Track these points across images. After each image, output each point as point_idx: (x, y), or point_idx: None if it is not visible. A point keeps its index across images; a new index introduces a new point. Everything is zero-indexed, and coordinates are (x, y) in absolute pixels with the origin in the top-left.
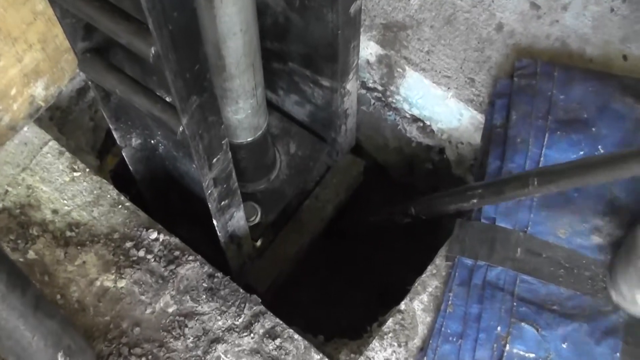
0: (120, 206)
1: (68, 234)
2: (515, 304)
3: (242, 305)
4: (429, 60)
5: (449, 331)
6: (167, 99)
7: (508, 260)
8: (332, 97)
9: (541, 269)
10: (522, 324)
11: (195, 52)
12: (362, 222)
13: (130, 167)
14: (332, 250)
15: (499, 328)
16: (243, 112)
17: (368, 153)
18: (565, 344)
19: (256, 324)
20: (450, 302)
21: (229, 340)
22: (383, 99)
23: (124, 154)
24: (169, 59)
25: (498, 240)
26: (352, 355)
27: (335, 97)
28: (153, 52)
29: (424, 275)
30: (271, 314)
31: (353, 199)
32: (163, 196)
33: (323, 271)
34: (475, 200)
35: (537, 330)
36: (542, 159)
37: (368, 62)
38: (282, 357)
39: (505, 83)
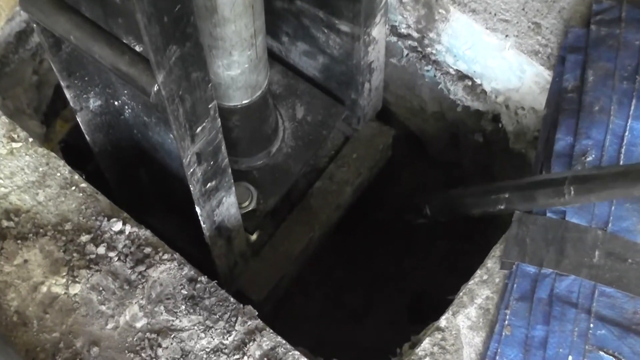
0: (73, 188)
1: (5, 224)
2: (592, 324)
3: (233, 319)
4: None
5: None
6: (138, 49)
7: (583, 268)
8: (353, 47)
9: (627, 277)
10: (601, 352)
11: None
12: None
13: (86, 136)
14: (350, 248)
15: (570, 358)
16: (238, 67)
17: (398, 120)
18: None
19: (251, 343)
20: (507, 322)
21: None
22: (419, 49)
23: (78, 119)
24: None
25: (569, 240)
26: None
27: (357, 46)
28: None
29: (471, 282)
30: (271, 330)
31: (378, 180)
32: (130, 175)
33: (338, 275)
34: (502, 207)
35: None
36: (627, 133)
37: (400, 0)
38: None
39: (580, 33)
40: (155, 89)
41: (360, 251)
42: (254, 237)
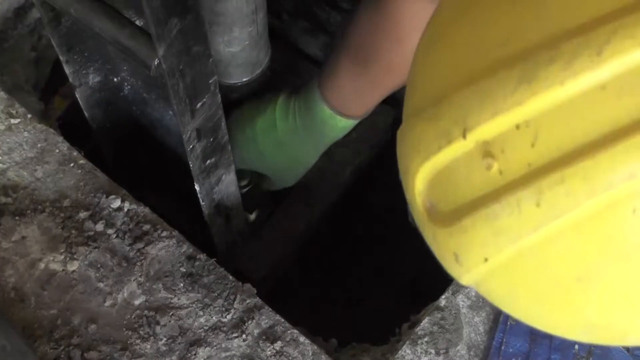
0: (72, 164)
1: (3, 200)
2: None
3: (232, 297)
4: None
5: (510, 350)
6: (138, 23)
7: None
8: None
9: None
10: None
11: None
12: None
13: (85, 112)
14: (350, 229)
15: (576, 346)
16: (239, 44)
17: (399, 99)
18: None
19: (250, 321)
20: None
21: (214, 343)
22: None
23: (77, 95)
24: None
25: None
26: None
27: None
28: None
29: None
30: (270, 309)
31: (377, 161)
32: (129, 152)
33: (337, 255)
34: None
35: (628, 350)
36: None
37: None
38: None
39: None
40: (156, 62)
41: (360, 232)
42: (252, 216)
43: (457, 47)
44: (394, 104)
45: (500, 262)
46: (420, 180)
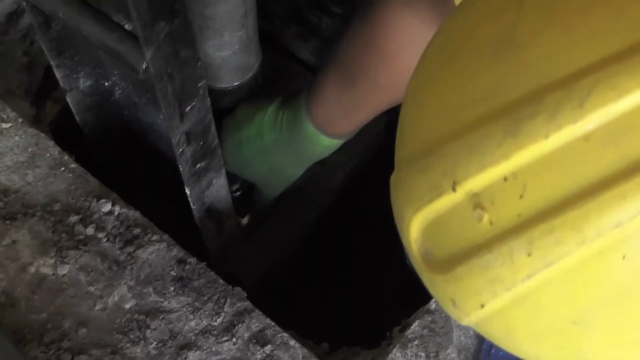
0: (63, 168)
1: None
2: None
3: (222, 300)
4: None
5: (500, 353)
6: (128, 27)
7: None
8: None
9: None
10: None
11: None
12: None
13: (76, 117)
14: (343, 231)
15: None
16: (229, 48)
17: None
18: None
19: (240, 325)
20: None
21: (204, 347)
22: None
23: (68, 99)
24: None
25: None
26: None
27: None
28: None
29: None
30: (260, 312)
31: (369, 166)
32: (120, 156)
33: (331, 258)
34: None
35: None
36: None
37: None
38: None
39: None
40: (144, 66)
41: (352, 236)
42: (245, 220)
43: (442, 99)
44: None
45: (496, 307)
46: (415, 228)
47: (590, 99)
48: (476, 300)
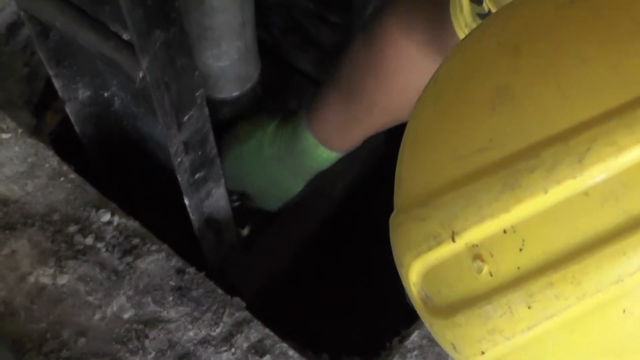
0: (62, 178)
1: None
2: None
3: (221, 310)
4: None
5: None
6: (125, 37)
7: None
8: (344, 39)
9: None
10: None
11: None
12: None
13: (75, 127)
14: (343, 242)
15: None
16: (227, 58)
17: None
18: None
19: (239, 335)
20: None
21: (203, 357)
22: None
23: (67, 109)
24: None
25: None
26: None
27: (348, 38)
28: None
29: None
30: (259, 322)
31: (369, 177)
32: (119, 166)
33: (330, 270)
34: None
35: None
36: None
37: None
38: None
39: None
40: (141, 75)
41: (352, 247)
42: (245, 231)
43: (438, 150)
44: None
45: (496, 355)
46: (414, 273)
47: (590, 155)
48: (476, 347)
